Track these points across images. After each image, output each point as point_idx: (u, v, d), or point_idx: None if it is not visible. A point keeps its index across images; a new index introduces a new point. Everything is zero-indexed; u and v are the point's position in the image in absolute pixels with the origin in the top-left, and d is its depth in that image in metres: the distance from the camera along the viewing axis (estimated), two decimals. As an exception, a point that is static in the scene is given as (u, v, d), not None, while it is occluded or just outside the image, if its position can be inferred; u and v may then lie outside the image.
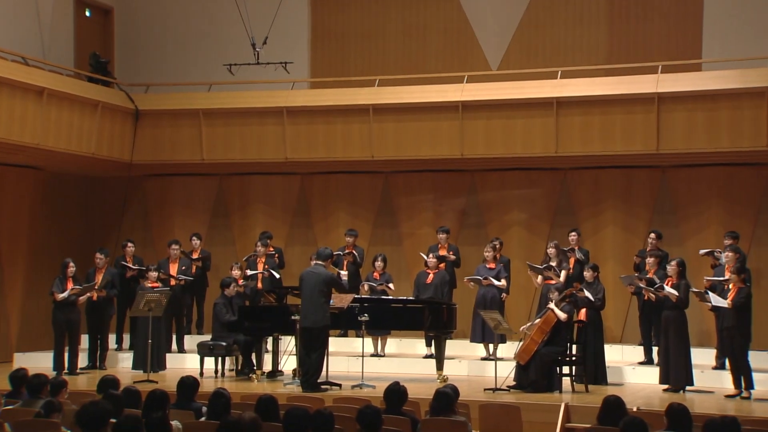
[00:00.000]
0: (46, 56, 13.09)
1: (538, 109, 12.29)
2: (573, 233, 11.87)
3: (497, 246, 11.94)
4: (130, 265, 12.48)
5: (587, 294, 10.40)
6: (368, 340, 11.80)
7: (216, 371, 11.29)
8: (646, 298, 10.84)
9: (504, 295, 11.71)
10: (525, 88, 12.52)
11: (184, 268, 12.50)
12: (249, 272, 12.08)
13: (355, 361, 11.23)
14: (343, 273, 10.82)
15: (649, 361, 11.17)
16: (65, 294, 11.21)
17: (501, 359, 10.83)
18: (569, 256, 11.56)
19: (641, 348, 11.42)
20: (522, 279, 12.44)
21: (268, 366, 11.22)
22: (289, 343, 10.89)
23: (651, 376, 10.57)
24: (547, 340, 10.09)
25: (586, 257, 11.62)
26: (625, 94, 11.98)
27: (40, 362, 11.64)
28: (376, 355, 11.97)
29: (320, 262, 10.12)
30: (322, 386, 9.94)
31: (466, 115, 12.54)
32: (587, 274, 10.69)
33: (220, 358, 11.31)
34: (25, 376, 7.03)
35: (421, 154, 12.85)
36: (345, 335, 12.65)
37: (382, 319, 10.71)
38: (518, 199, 13.35)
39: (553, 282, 10.94)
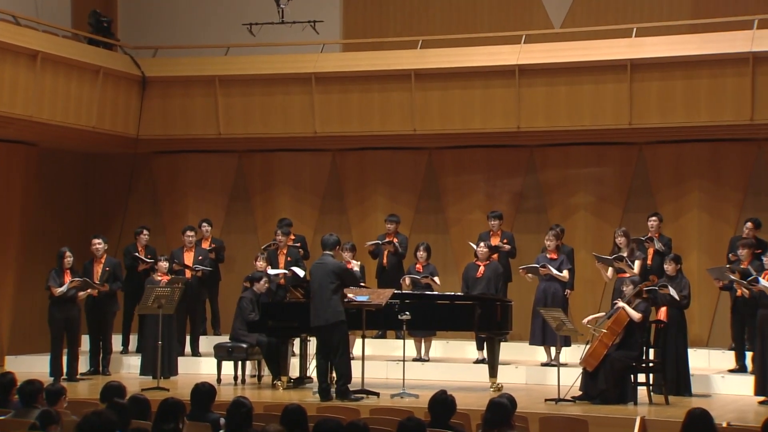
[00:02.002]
0: (39, 15, 13.17)
1: (608, 73, 12.16)
2: (653, 218, 11.71)
3: (559, 233, 11.84)
4: (143, 257, 12.51)
5: (671, 291, 10.25)
6: (410, 342, 11.80)
7: (235, 377, 11.36)
8: (739, 293, 10.67)
9: (567, 290, 11.63)
10: (593, 48, 12.39)
11: (201, 257, 12.55)
12: (270, 270, 12.08)
13: (395, 367, 11.25)
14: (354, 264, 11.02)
15: (741, 368, 11.06)
16: (63, 288, 11.31)
17: (565, 365, 10.82)
18: (647, 246, 11.40)
19: (732, 353, 11.30)
20: (588, 272, 12.34)
21: (294, 371, 11.25)
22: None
23: (744, 385, 10.47)
24: (620, 342, 10.01)
25: (668, 247, 11.45)
26: (713, 54, 11.79)
27: (34, 366, 11.77)
28: (419, 359, 11.98)
29: (327, 252, 10.22)
30: (355, 395, 9.96)
31: (524, 81, 12.45)
32: (668, 266, 10.54)
33: (239, 363, 11.36)
34: (13, 380, 7.08)
35: (471, 126, 12.79)
36: (383, 336, 12.70)
37: (426, 318, 10.71)
38: (585, 179, 13.24)
39: (626, 275, 10.81)
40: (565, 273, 11.50)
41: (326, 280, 9.98)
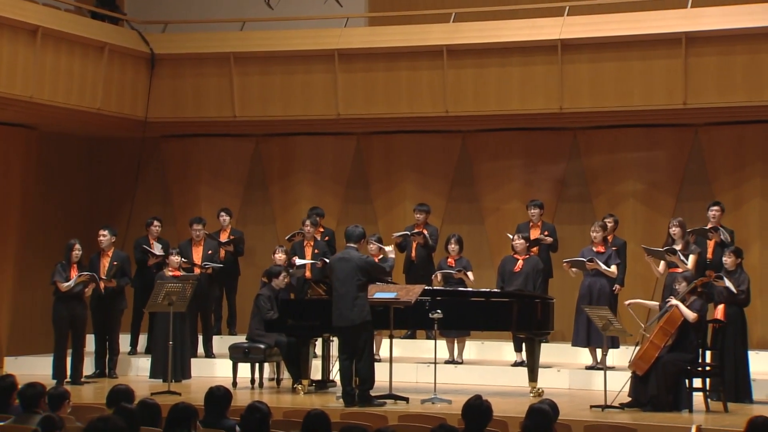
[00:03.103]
0: (40, -13, 13.24)
1: (661, 47, 12.06)
2: (715, 207, 11.57)
3: (609, 225, 11.77)
4: (154, 251, 12.54)
5: (727, 284, 10.17)
6: (442, 343, 11.79)
7: (252, 381, 11.41)
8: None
9: (617, 286, 11.56)
10: (644, 21, 12.30)
11: (210, 252, 12.58)
12: (297, 261, 12.10)
13: (425, 370, 11.27)
14: (389, 248, 10.76)
15: (808, 372, 10.96)
16: (70, 283, 11.36)
17: (612, 368, 10.76)
18: (711, 237, 11.27)
19: (797, 356, 11.22)
20: (640, 267, 12.25)
21: (316, 374, 11.26)
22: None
23: (811, 391, 10.42)
24: (672, 344, 9.94)
25: (732, 238, 11.32)
26: (779, 26, 11.68)
27: (35, 368, 11.88)
28: (451, 361, 11.97)
29: (352, 245, 10.20)
30: (379, 400, 9.99)
31: (567, 57, 12.39)
32: (728, 259, 10.46)
33: (257, 365, 11.40)
34: (14, 383, 7.12)
35: (508, 107, 12.75)
36: (413, 337, 12.69)
37: (459, 317, 10.70)
38: (634, 165, 13.16)
39: (679, 270, 10.74)
40: (614, 268, 11.42)
41: (351, 277, 9.97)
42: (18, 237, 13.48)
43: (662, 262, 11.17)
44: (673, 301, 10.00)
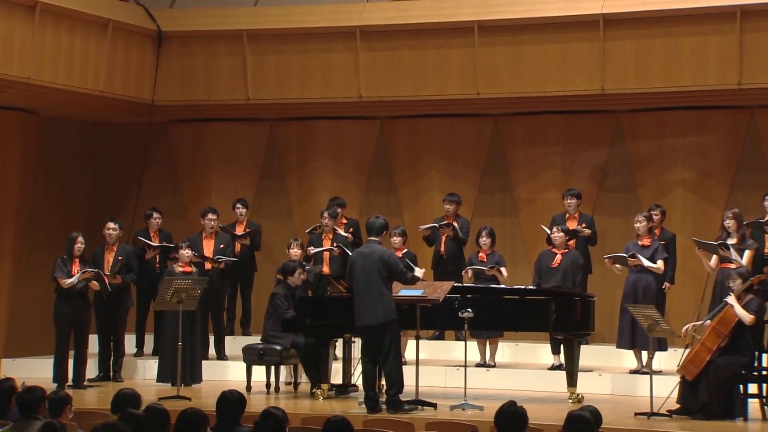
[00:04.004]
0: (38, -40, 13.26)
1: (712, 23, 12.01)
2: (770, 197, 11.51)
3: (656, 217, 11.70)
4: (150, 242, 12.57)
5: (784, 281, 10.13)
6: (473, 345, 11.78)
7: (268, 384, 11.43)
8: None
9: (666, 284, 11.52)
10: (694, -7, 12.26)
11: (222, 246, 12.59)
12: (313, 250, 12.09)
13: (454, 373, 11.30)
14: (419, 270, 10.78)
15: None
16: (74, 279, 11.40)
17: (659, 372, 10.75)
18: (767, 230, 11.19)
19: None
20: (690, 262, 12.19)
21: (337, 378, 11.26)
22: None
23: None
24: (726, 346, 9.89)
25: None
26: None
27: (34, 371, 11.93)
28: (483, 364, 11.96)
29: (374, 238, 10.20)
30: (408, 406, 9.97)
31: (610, 33, 12.36)
32: (784, 254, 10.40)
33: (273, 367, 11.40)
34: (13, 387, 7.14)
35: (545, 89, 12.74)
36: (441, 338, 12.71)
37: (491, 316, 10.68)
38: (683, 151, 13.11)
39: (732, 266, 10.66)
40: (660, 264, 11.35)
41: (374, 272, 9.95)
42: (16, 229, 13.54)
43: (714, 256, 11.09)
44: (729, 300, 9.91)
